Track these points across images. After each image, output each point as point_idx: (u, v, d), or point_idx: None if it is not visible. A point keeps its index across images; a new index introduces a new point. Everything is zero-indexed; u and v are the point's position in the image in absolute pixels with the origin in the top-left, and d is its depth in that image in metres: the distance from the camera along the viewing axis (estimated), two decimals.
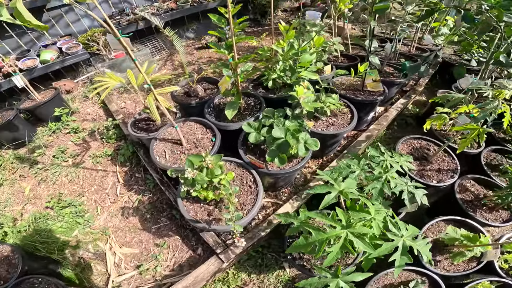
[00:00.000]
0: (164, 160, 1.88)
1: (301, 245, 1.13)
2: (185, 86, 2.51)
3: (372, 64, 2.21)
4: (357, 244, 1.00)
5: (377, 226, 1.18)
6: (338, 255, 1.01)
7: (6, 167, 2.66)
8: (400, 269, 1.15)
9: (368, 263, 1.13)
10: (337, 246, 1.05)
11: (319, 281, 1.12)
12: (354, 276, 1.11)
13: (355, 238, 1.04)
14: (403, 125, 2.78)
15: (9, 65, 2.85)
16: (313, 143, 1.73)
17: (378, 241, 1.12)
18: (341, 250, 1.03)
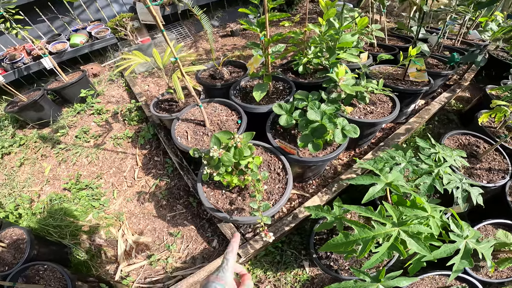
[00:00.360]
0: (185, 141, 1.71)
1: (339, 243, 0.93)
2: (211, 69, 2.36)
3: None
4: (411, 245, 0.83)
5: (436, 225, 0.96)
6: (384, 256, 0.85)
7: (29, 146, 2.63)
8: (456, 274, 0.96)
9: (418, 266, 0.94)
10: (385, 246, 0.85)
11: (355, 285, 0.94)
12: (399, 281, 0.92)
13: (409, 237, 0.84)
14: (444, 121, 2.48)
15: (39, 48, 2.85)
16: (352, 130, 1.50)
17: (434, 242, 0.91)
18: (389, 251, 0.84)
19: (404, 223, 0.89)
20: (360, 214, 1.06)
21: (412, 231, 0.86)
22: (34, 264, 1.53)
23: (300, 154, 1.55)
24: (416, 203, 1.03)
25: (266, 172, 1.28)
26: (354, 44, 1.82)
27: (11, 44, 3.42)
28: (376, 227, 0.89)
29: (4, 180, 2.38)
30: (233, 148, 1.20)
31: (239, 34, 3.98)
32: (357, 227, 0.92)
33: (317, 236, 1.59)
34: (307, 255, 1.73)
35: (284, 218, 1.64)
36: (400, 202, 1.09)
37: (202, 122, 1.80)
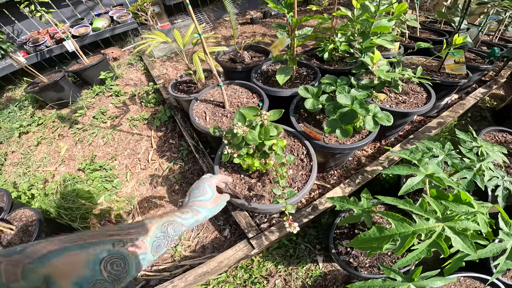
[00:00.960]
0: (203, 121, 1.59)
1: (371, 238, 0.81)
2: (231, 52, 2.23)
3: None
4: (455, 242, 0.72)
5: (484, 222, 0.81)
6: (423, 254, 0.75)
7: (47, 125, 2.59)
8: (499, 275, 0.84)
9: (456, 266, 0.83)
10: (425, 243, 0.74)
11: (384, 285, 0.85)
12: (434, 281, 0.82)
13: (455, 234, 0.73)
14: (477, 118, 2.26)
15: (63, 31, 2.81)
16: (385, 117, 1.34)
17: (480, 241, 0.78)
18: (429, 248, 0.74)
19: (450, 218, 0.77)
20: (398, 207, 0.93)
21: (459, 227, 0.74)
22: None
23: (326, 140, 1.40)
24: (460, 198, 0.88)
25: (291, 156, 1.14)
26: (390, 31, 1.64)
27: (35, 29, 3.42)
28: (418, 221, 0.78)
29: (20, 159, 2.34)
30: (258, 126, 1.06)
31: (259, 21, 3.84)
32: (395, 221, 0.79)
33: (337, 230, 1.45)
34: (322, 250, 1.60)
35: (303, 209, 1.50)
36: (440, 196, 0.94)
37: (221, 103, 1.67)
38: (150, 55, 3.30)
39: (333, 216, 1.65)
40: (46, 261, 0.36)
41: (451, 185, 0.95)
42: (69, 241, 0.40)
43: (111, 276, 0.41)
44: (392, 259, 1.29)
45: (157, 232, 0.54)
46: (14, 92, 3.25)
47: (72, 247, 0.39)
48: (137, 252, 0.47)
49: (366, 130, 1.47)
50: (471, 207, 0.82)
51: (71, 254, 0.38)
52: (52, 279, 0.35)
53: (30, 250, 0.37)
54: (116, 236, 0.46)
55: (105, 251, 0.42)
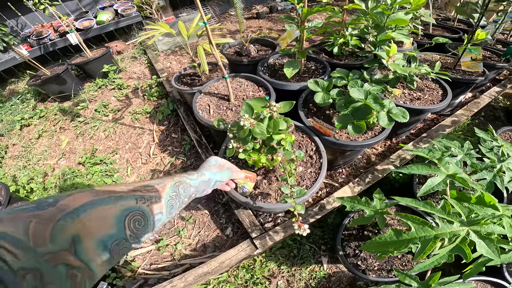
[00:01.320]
0: (207, 115, 1.50)
1: (388, 242, 0.73)
2: (237, 45, 2.13)
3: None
4: (480, 247, 0.66)
5: (510, 226, 0.74)
6: (444, 259, 0.69)
7: (48, 118, 2.52)
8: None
9: (476, 271, 0.78)
10: (446, 248, 0.68)
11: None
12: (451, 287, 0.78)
13: (480, 239, 0.66)
14: (490, 117, 2.16)
15: (67, 24, 2.75)
16: (401, 113, 1.24)
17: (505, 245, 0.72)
18: (451, 254, 0.68)
19: (475, 222, 0.70)
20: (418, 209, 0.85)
21: (484, 231, 0.68)
22: None
23: (337, 137, 1.31)
24: (484, 200, 0.79)
25: (301, 152, 1.04)
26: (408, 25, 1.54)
27: (39, 22, 3.35)
28: (441, 225, 0.70)
29: (21, 152, 2.27)
30: (267, 118, 0.97)
31: (265, 16, 3.74)
32: (415, 224, 0.72)
33: (346, 231, 1.36)
34: (327, 251, 1.52)
35: (310, 208, 1.41)
36: (461, 198, 0.85)
37: (226, 96, 1.58)
38: (154, 48, 3.21)
39: (340, 215, 1.57)
40: (76, 216, 0.33)
41: (474, 186, 0.86)
42: (96, 194, 0.37)
43: (132, 235, 0.39)
44: (402, 262, 1.22)
45: (170, 191, 0.53)
46: (17, 85, 3.19)
47: (101, 200, 0.37)
48: (155, 211, 0.45)
49: (379, 127, 1.38)
50: (496, 210, 0.75)
51: (99, 208, 0.36)
52: (79, 238, 0.32)
53: (63, 202, 0.34)
54: (139, 192, 0.44)
55: (130, 207, 0.40)
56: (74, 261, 0.31)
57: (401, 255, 1.27)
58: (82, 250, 0.32)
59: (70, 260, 0.31)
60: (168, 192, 0.52)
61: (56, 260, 0.29)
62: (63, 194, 0.36)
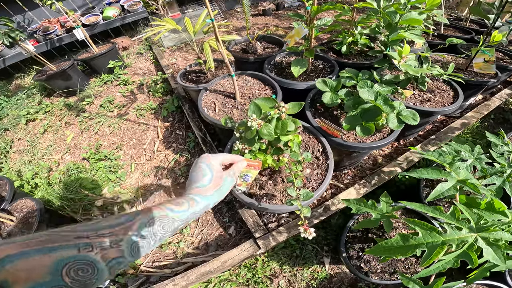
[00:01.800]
0: (212, 112, 1.47)
1: (394, 246, 0.71)
2: (243, 43, 2.10)
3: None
4: (487, 254, 0.65)
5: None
6: (449, 264, 0.68)
7: (54, 113, 2.52)
8: None
9: (481, 276, 0.77)
10: (453, 254, 0.67)
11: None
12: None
13: (488, 245, 0.66)
14: (499, 120, 2.10)
15: (73, 20, 2.73)
16: (411, 116, 1.20)
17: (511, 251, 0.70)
18: (457, 259, 0.67)
19: (484, 228, 0.68)
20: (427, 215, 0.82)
21: (492, 238, 0.67)
22: None
23: (344, 138, 1.27)
24: (493, 207, 0.77)
25: (309, 154, 1.01)
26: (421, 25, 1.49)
27: (46, 17, 3.34)
28: (450, 231, 0.69)
29: (26, 146, 2.27)
30: (275, 119, 0.94)
31: (272, 13, 3.68)
32: (422, 229, 0.70)
33: (350, 233, 1.34)
34: (329, 252, 1.50)
35: (314, 209, 1.38)
36: (470, 203, 0.83)
37: (232, 94, 1.55)
38: (159, 44, 3.18)
39: (344, 217, 1.55)
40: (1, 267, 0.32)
41: (485, 192, 0.83)
42: (27, 245, 0.36)
43: (75, 283, 0.37)
44: (405, 265, 1.19)
45: (139, 231, 0.46)
46: (23, 80, 3.19)
47: (30, 251, 0.35)
48: (109, 257, 0.41)
49: (387, 129, 1.34)
50: (505, 216, 0.73)
51: (29, 260, 0.35)
52: (8, 284, 0.32)
53: None
54: (85, 239, 0.41)
55: (68, 256, 0.38)
56: None
57: (405, 258, 1.25)
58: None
59: None
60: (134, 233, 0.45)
61: None
62: None
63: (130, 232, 0.45)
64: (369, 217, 1.34)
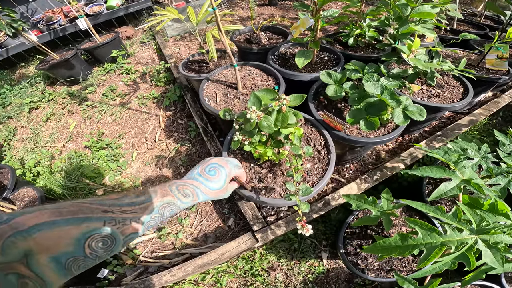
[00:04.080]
0: (213, 103, 1.44)
1: (392, 246, 0.69)
2: (247, 33, 2.04)
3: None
4: (485, 256, 0.63)
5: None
6: (446, 266, 0.67)
7: (57, 101, 2.51)
8: None
9: (477, 278, 0.76)
10: (451, 255, 0.65)
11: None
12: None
13: (487, 248, 0.63)
14: (508, 118, 2.05)
15: (76, 10, 2.68)
16: (418, 111, 1.15)
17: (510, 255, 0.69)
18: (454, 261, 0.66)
19: (485, 231, 0.66)
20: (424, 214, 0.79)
21: (493, 241, 0.65)
22: None
23: (347, 132, 1.23)
24: (497, 208, 0.73)
25: (310, 147, 0.97)
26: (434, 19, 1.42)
27: (49, 7, 3.32)
28: (450, 232, 0.67)
29: (29, 134, 2.27)
30: (275, 112, 0.90)
31: (277, 3, 3.60)
32: (422, 230, 0.68)
33: (348, 229, 1.31)
34: (327, 246, 1.50)
35: (314, 203, 1.35)
36: (473, 204, 0.79)
37: (234, 84, 1.51)
38: (163, 34, 3.13)
39: (344, 211, 1.53)
40: (28, 235, 0.34)
41: (489, 193, 0.80)
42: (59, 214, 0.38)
43: (93, 254, 0.40)
44: (402, 263, 1.17)
45: (154, 213, 0.51)
46: (26, 69, 3.18)
47: (61, 221, 0.37)
48: (127, 232, 0.45)
49: (392, 124, 1.29)
50: (508, 218, 0.71)
51: (57, 230, 0.36)
52: (32, 253, 0.34)
53: (17, 220, 0.35)
54: (110, 214, 0.43)
55: (94, 228, 0.40)
56: (25, 271, 0.33)
57: (402, 256, 1.23)
58: (34, 263, 0.33)
59: (22, 270, 0.32)
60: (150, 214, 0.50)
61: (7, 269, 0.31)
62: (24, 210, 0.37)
63: (147, 212, 0.49)
64: (369, 213, 1.31)
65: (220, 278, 1.39)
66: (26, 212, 0.36)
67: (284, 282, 1.40)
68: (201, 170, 0.72)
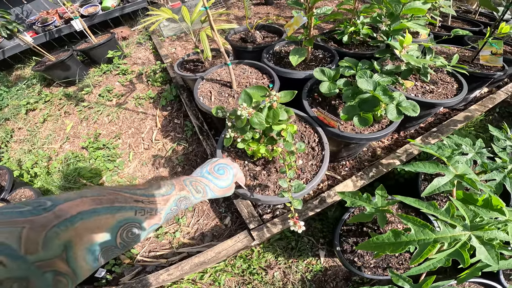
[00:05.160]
0: (208, 101, 1.45)
1: (385, 243, 0.70)
2: (242, 32, 2.05)
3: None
4: (480, 253, 0.63)
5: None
6: (440, 263, 0.66)
7: (53, 103, 2.52)
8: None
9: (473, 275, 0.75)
10: (445, 252, 0.65)
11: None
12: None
13: (481, 244, 0.63)
14: (504, 114, 2.06)
15: (71, 11, 2.70)
16: (411, 107, 1.16)
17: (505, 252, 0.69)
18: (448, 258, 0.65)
19: (478, 227, 0.66)
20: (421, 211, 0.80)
21: (487, 237, 0.65)
22: None
23: (341, 128, 1.24)
24: (491, 204, 0.74)
25: (302, 144, 0.98)
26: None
27: (44, 9, 3.33)
28: (443, 228, 0.67)
29: (26, 136, 2.28)
30: (266, 108, 0.91)
31: (273, 2, 3.63)
32: (415, 226, 0.68)
33: (344, 226, 1.32)
34: (325, 244, 1.50)
35: (310, 201, 1.36)
36: (467, 199, 0.80)
37: (228, 83, 1.52)
38: (159, 34, 3.14)
39: (341, 209, 1.53)
40: (70, 225, 0.32)
41: (483, 188, 0.80)
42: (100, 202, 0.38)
43: (122, 243, 0.40)
44: (399, 260, 1.18)
45: (173, 205, 0.53)
46: (23, 71, 3.20)
47: (101, 210, 0.37)
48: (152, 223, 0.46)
49: (386, 120, 1.30)
50: (502, 214, 0.70)
51: (97, 218, 0.36)
52: (71, 245, 0.32)
53: (61, 208, 0.33)
54: (140, 204, 0.44)
55: (127, 218, 0.41)
56: (63, 267, 0.31)
57: (398, 253, 1.24)
58: (72, 256, 0.32)
59: (60, 267, 0.31)
60: (170, 206, 0.52)
61: (46, 267, 0.29)
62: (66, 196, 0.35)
63: (168, 203, 0.51)
64: (364, 210, 1.32)
65: (218, 277, 1.40)
66: (69, 199, 0.35)
67: (282, 281, 1.40)
68: (210, 169, 0.75)
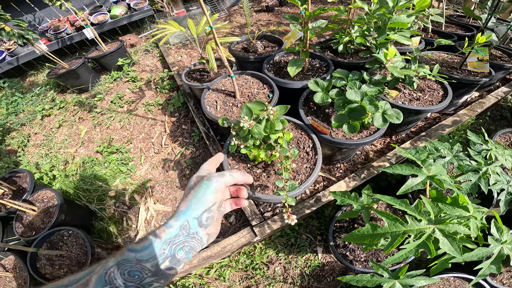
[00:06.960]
0: (214, 110, 1.63)
1: (364, 235, 0.82)
2: (244, 42, 2.23)
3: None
4: (443, 245, 0.74)
5: (476, 227, 0.83)
6: (411, 254, 0.77)
7: (68, 109, 2.73)
8: (480, 278, 0.90)
9: (442, 267, 0.86)
10: (414, 243, 0.76)
11: (371, 280, 0.89)
12: (418, 280, 0.87)
13: (444, 237, 0.74)
14: (496, 117, 2.18)
15: (82, 19, 2.90)
16: (395, 115, 1.32)
17: (468, 244, 0.82)
18: (417, 248, 0.76)
19: (442, 221, 0.78)
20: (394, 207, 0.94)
21: (449, 230, 0.75)
22: (60, 229, 1.53)
23: (333, 135, 1.41)
24: (458, 201, 0.87)
25: (296, 150, 1.16)
26: (408, 26, 1.58)
27: (55, 16, 3.54)
28: (410, 222, 0.79)
29: (43, 140, 2.48)
30: (264, 120, 1.09)
31: (275, 10, 3.78)
32: (388, 219, 0.81)
33: (338, 223, 1.48)
34: (322, 241, 1.65)
35: (306, 200, 1.53)
36: (439, 198, 0.93)
37: (232, 93, 1.71)
38: (165, 42, 3.34)
39: (337, 208, 1.67)
40: None
41: (452, 187, 0.94)
42: None
43: None
44: (388, 254, 1.31)
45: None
46: (36, 77, 3.41)
47: None
48: None
49: (374, 126, 1.47)
50: (466, 211, 0.83)
51: None
52: None
53: None
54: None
55: None
56: None
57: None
58: None
59: None
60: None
61: None
62: None
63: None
64: (352, 208, 1.48)
65: (223, 272, 1.56)
66: None
67: (282, 275, 1.55)
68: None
